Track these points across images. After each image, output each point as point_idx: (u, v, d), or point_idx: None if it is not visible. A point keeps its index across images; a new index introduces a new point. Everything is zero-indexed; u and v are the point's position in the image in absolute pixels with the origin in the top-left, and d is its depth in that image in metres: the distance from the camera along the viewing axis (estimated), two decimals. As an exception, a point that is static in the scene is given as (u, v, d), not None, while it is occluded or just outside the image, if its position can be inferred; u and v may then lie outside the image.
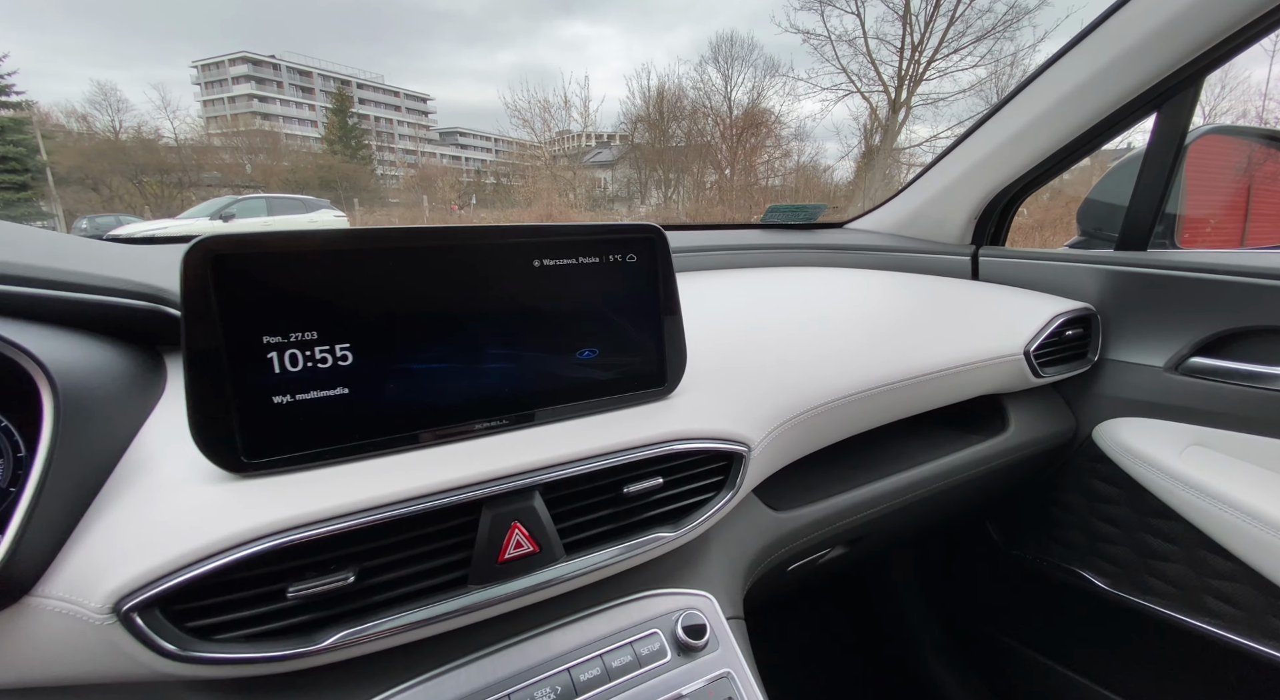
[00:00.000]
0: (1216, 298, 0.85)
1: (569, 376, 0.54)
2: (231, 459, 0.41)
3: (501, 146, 49.09)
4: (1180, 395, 0.88)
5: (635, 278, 0.57)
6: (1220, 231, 1.02)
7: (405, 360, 0.46)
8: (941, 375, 0.79)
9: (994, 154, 1.04)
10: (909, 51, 16.00)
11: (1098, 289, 0.96)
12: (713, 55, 20.28)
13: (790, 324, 0.81)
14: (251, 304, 0.41)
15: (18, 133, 18.05)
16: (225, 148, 24.10)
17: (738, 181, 19.12)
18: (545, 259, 0.52)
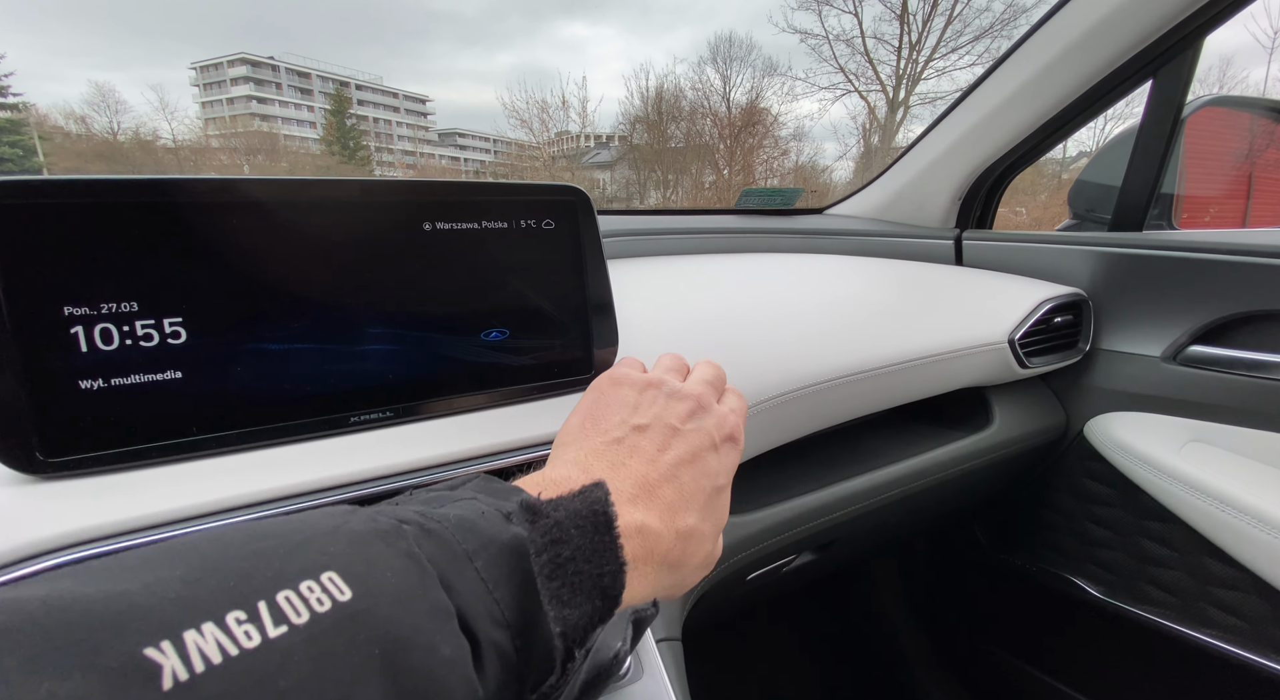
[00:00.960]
0: (1218, 280, 0.77)
1: (471, 362, 0.46)
2: (24, 457, 0.34)
3: (500, 147, 49.02)
4: (1179, 387, 0.80)
5: (553, 248, 0.50)
6: (1222, 211, 0.94)
7: (257, 339, 0.39)
8: (917, 363, 0.72)
9: (977, 130, 0.97)
10: (907, 51, 15.95)
11: (1089, 273, 0.89)
12: (711, 56, 20.21)
13: (754, 310, 0.74)
14: (48, 266, 0.33)
15: (14, 134, 18.01)
16: (223, 149, 24.07)
17: (736, 182, 19.05)
18: (439, 222, 0.45)
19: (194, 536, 0.19)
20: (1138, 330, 0.85)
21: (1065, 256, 0.91)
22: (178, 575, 0.16)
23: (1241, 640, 0.76)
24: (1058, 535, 0.97)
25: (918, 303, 0.84)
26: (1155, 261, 0.83)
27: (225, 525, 0.26)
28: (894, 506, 0.78)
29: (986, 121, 0.95)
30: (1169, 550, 0.82)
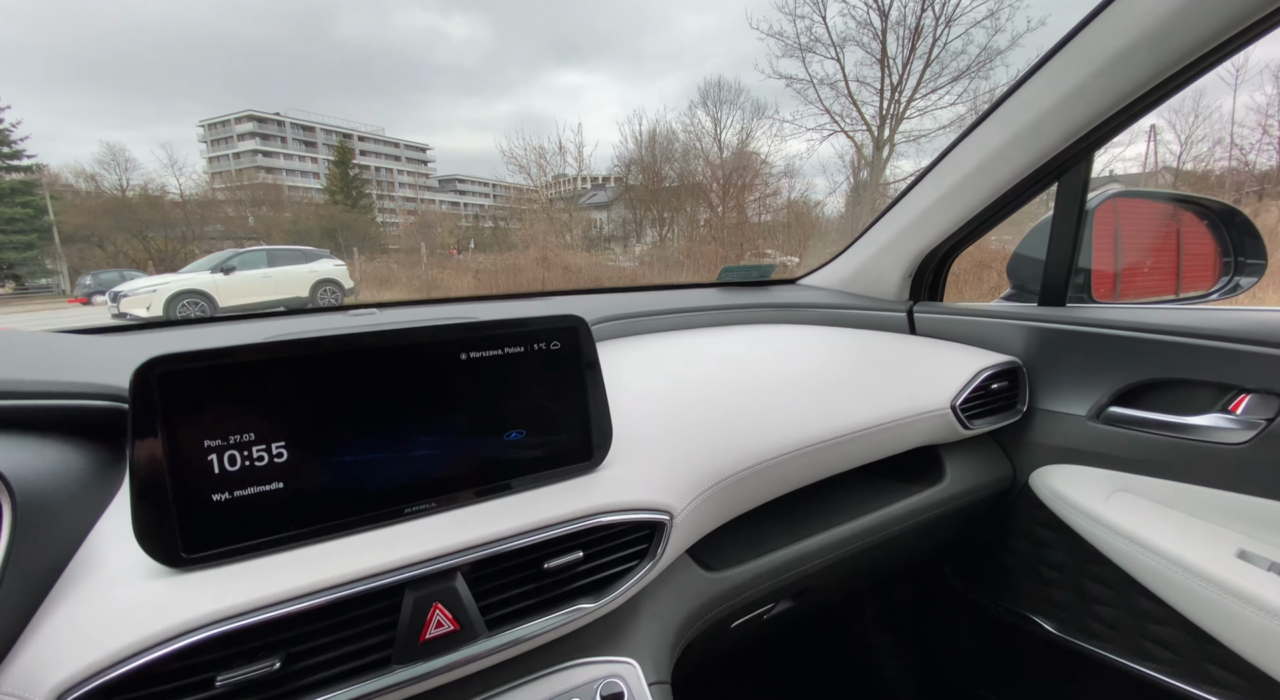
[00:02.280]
0: (1127, 352, 0.90)
1: (497, 457, 0.59)
2: (172, 555, 0.45)
3: (499, 192, 50.21)
4: (1103, 443, 0.92)
5: (560, 362, 0.63)
6: (1126, 284, 1.08)
7: (338, 453, 0.51)
8: (870, 432, 0.84)
9: (919, 219, 1.12)
10: (889, 92, 16.57)
11: (1023, 343, 1.02)
12: (701, 99, 21.02)
13: (727, 385, 0.87)
14: (195, 413, 0.46)
15: (26, 195, 18.56)
16: (229, 201, 24.69)
17: (730, 219, 19.52)
18: (472, 352, 0.58)
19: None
20: (1067, 392, 0.97)
21: (1002, 329, 1.04)
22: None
23: (1176, 672, 0.86)
24: (1017, 576, 1.07)
25: (872, 372, 0.97)
26: (1076, 335, 0.96)
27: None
28: (861, 556, 0.89)
29: (927, 212, 1.10)
30: (1108, 589, 0.92)
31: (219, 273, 10.05)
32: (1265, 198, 12.11)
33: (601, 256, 19.58)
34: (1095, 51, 0.80)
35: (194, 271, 10.24)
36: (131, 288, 9.40)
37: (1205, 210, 1.05)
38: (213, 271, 10.07)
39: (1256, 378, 0.79)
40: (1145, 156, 14.82)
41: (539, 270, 16.12)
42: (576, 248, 20.46)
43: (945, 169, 1.07)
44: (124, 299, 9.08)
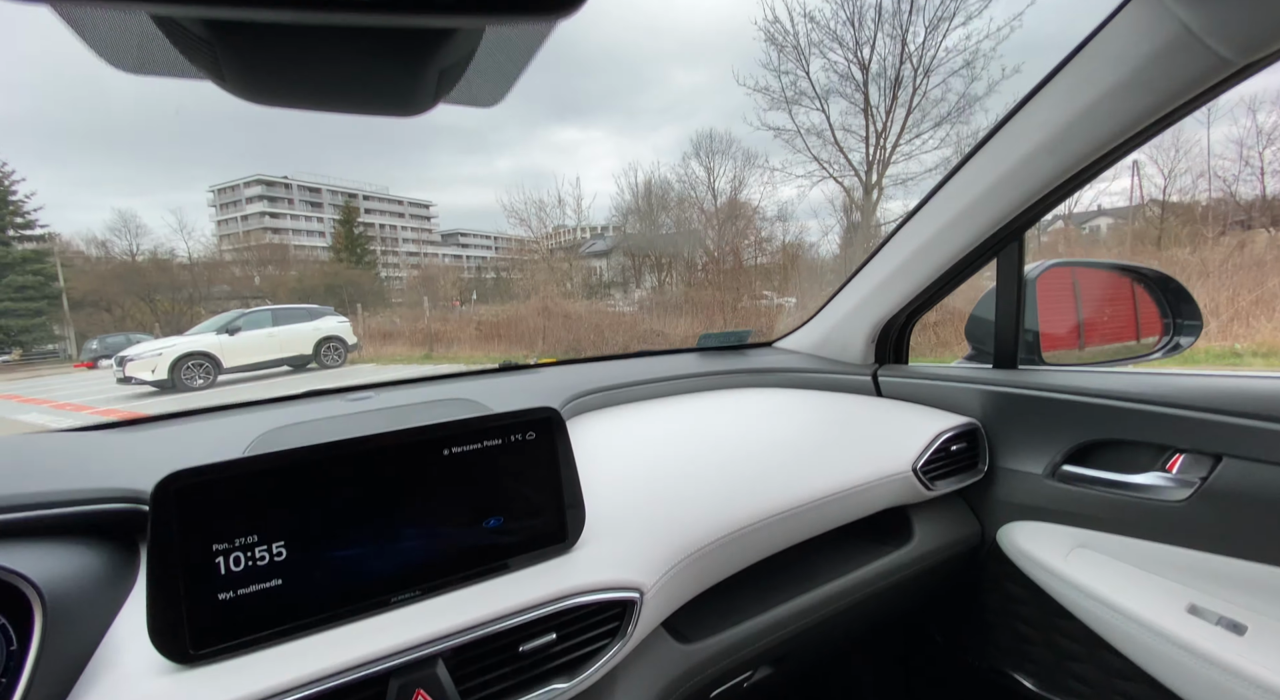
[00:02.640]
0: (1075, 414, 0.96)
1: (478, 544, 0.64)
2: (181, 652, 0.51)
3: (501, 244, 51.22)
4: (1060, 500, 0.97)
5: (536, 452, 0.69)
6: (1073, 346, 1.16)
7: (331, 549, 0.57)
8: (837, 498, 0.89)
9: (878, 289, 1.20)
10: (874, 139, 17.13)
11: (980, 405, 1.08)
12: (694, 150, 21.75)
13: (701, 455, 0.92)
14: (205, 521, 0.52)
15: (38, 263, 19.07)
16: (236, 262, 25.25)
17: (727, 264, 19.89)
18: (454, 447, 0.65)
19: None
20: (1024, 451, 1.03)
21: (960, 392, 1.10)
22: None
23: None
24: (996, 633, 1.09)
25: (839, 438, 1.02)
26: (1028, 398, 1.02)
27: None
28: (836, 618, 0.93)
29: (884, 283, 1.18)
30: (1078, 645, 0.95)
31: (224, 334, 10.24)
32: (1250, 227, 12.36)
33: (601, 303, 19.83)
34: (1006, 155, 0.90)
35: (199, 333, 10.43)
36: (137, 352, 9.55)
37: (1142, 277, 1.13)
38: (218, 333, 10.25)
39: (1188, 439, 0.84)
40: (1131, 190, 15.21)
41: (539, 319, 16.33)
42: (577, 295, 20.79)
43: (897, 244, 1.16)
44: (129, 363, 9.21)
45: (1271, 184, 12.48)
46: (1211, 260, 10.08)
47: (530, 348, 15.19)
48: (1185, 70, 0.68)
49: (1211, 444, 0.82)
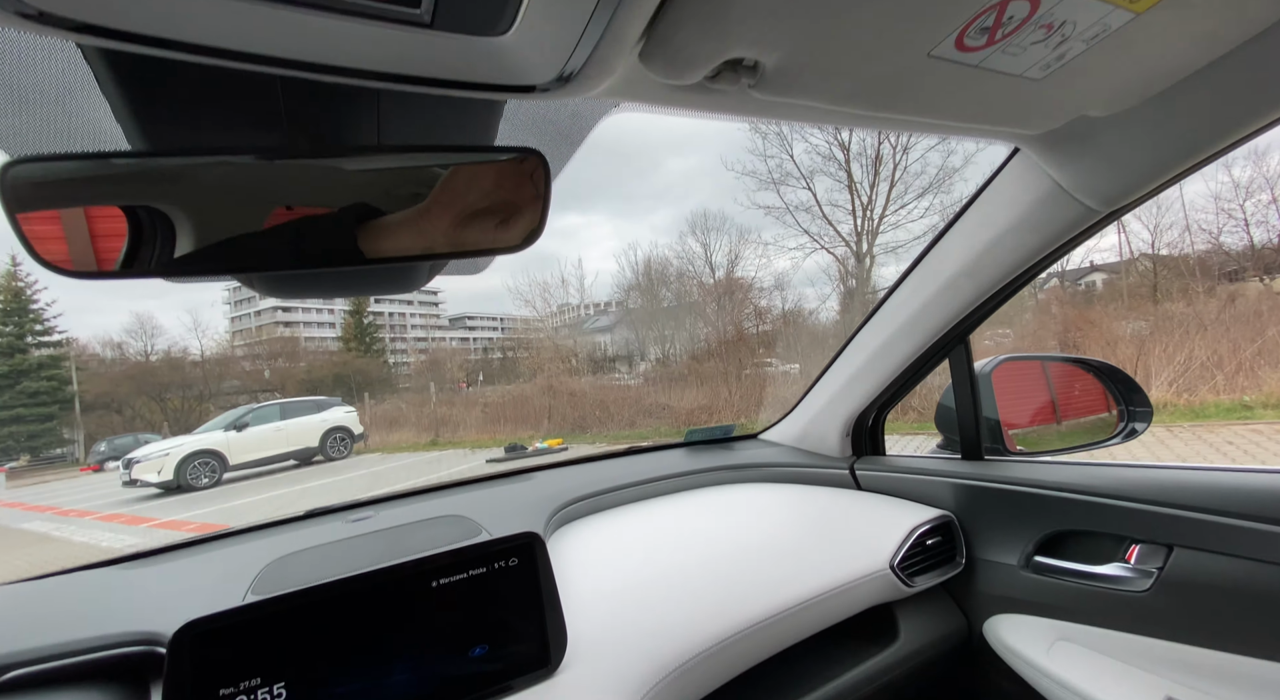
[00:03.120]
0: (1040, 506, 1.01)
1: (464, 675, 0.68)
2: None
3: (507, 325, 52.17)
4: (1037, 591, 1.00)
5: (519, 578, 0.75)
6: (1035, 435, 1.22)
7: (328, 688, 0.61)
8: (817, 602, 0.92)
9: (846, 385, 1.27)
10: (861, 211, 17.84)
11: (953, 497, 1.12)
12: (690, 229, 22.75)
13: (683, 563, 0.96)
14: (216, 666, 0.57)
15: (53, 368, 19.52)
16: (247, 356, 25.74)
17: (729, 334, 20.18)
18: (442, 578, 0.70)
19: None
20: (999, 543, 1.06)
21: (934, 485, 1.15)
22: None
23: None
24: None
25: (818, 536, 1.06)
26: (995, 491, 1.07)
27: None
28: None
29: (851, 381, 1.26)
30: None
31: (232, 430, 10.32)
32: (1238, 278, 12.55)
33: (606, 378, 19.94)
34: (934, 276, 1.01)
35: (208, 431, 10.51)
36: (144, 453, 9.60)
37: (1089, 367, 1.21)
38: (226, 429, 10.34)
39: (1141, 530, 0.89)
40: (1120, 246, 15.62)
41: (545, 398, 16.38)
42: (583, 372, 20.96)
43: (859, 344, 1.24)
44: (136, 465, 9.24)
45: (1258, 233, 12.80)
46: (1206, 313, 10.21)
47: (536, 428, 15.14)
48: (1063, 215, 0.80)
49: (1162, 535, 0.86)
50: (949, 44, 0.43)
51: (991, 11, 0.41)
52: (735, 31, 0.39)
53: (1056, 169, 0.75)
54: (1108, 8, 0.42)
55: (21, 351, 19.74)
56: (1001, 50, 0.45)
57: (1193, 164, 0.69)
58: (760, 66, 0.44)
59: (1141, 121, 0.64)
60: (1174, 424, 7.24)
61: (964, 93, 0.51)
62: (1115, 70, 0.54)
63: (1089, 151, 0.70)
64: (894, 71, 0.46)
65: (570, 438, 13.32)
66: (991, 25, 0.42)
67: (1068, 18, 0.43)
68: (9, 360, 19.14)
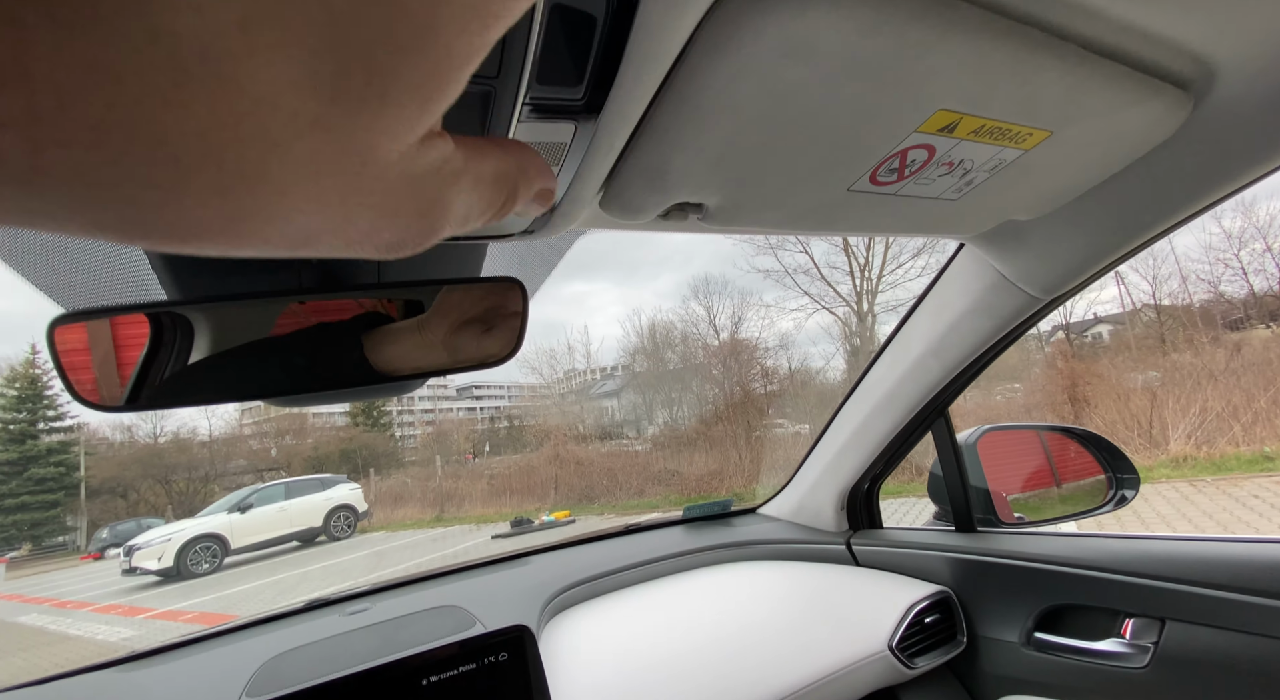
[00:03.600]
0: (1035, 580, 1.00)
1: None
2: None
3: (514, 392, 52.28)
4: (1040, 671, 0.98)
5: (509, 673, 0.75)
6: (1025, 506, 1.22)
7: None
8: (815, 688, 0.91)
9: (836, 458, 1.29)
10: (858, 272, 18.22)
11: (950, 572, 1.12)
12: (692, 293, 23.23)
13: (679, 650, 0.95)
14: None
15: (62, 453, 19.56)
16: (255, 435, 25.73)
17: (736, 396, 20.10)
18: (432, 676, 0.71)
19: None
20: (998, 619, 1.05)
21: (930, 559, 1.15)
22: None
23: None
24: None
25: (816, 617, 1.05)
26: (990, 565, 1.07)
27: None
28: None
29: (840, 454, 1.28)
30: None
31: (236, 512, 10.21)
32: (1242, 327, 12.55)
33: (614, 444, 19.74)
34: (905, 355, 1.06)
35: (211, 514, 10.40)
36: (145, 539, 9.48)
37: (1073, 435, 1.23)
38: (229, 512, 10.23)
39: (1134, 603, 0.88)
40: (1121, 297, 15.73)
41: (552, 468, 16.16)
42: (590, 438, 20.77)
43: (844, 418, 1.28)
44: (137, 552, 9.11)
45: (1257, 281, 12.93)
46: (1215, 362, 10.16)
47: (543, 499, 14.85)
48: (1010, 302, 0.85)
49: (1154, 608, 0.86)
50: (864, 180, 0.50)
51: (895, 158, 0.48)
52: (676, 184, 0.46)
53: (998, 261, 0.81)
54: (997, 148, 0.49)
55: (33, 437, 19.85)
56: (913, 183, 0.52)
57: (1123, 253, 0.75)
58: (705, 206, 0.51)
59: (1064, 222, 0.71)
60: (1196, 478, 7.05)
61: (892, 213, 0.58)
62: (1024, 189, 0.60)
63: (1024, 247, 0.77)
64: (822, 203, 0.53)
65: (578, 509, 13.05)
66: (898, 167, 0.49)
67: (964, 157, 0.50)
68: (19, 447, 19.21)
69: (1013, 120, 0.46)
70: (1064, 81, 0.43)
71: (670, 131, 0.40)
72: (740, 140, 0.42)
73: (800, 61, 0.35)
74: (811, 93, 0.38)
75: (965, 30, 0.37)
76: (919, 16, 0.35)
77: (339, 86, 0.13)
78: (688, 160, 0.44)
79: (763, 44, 0.34)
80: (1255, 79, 0.50)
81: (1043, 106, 0.45)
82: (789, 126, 0.42)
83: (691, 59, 0.35)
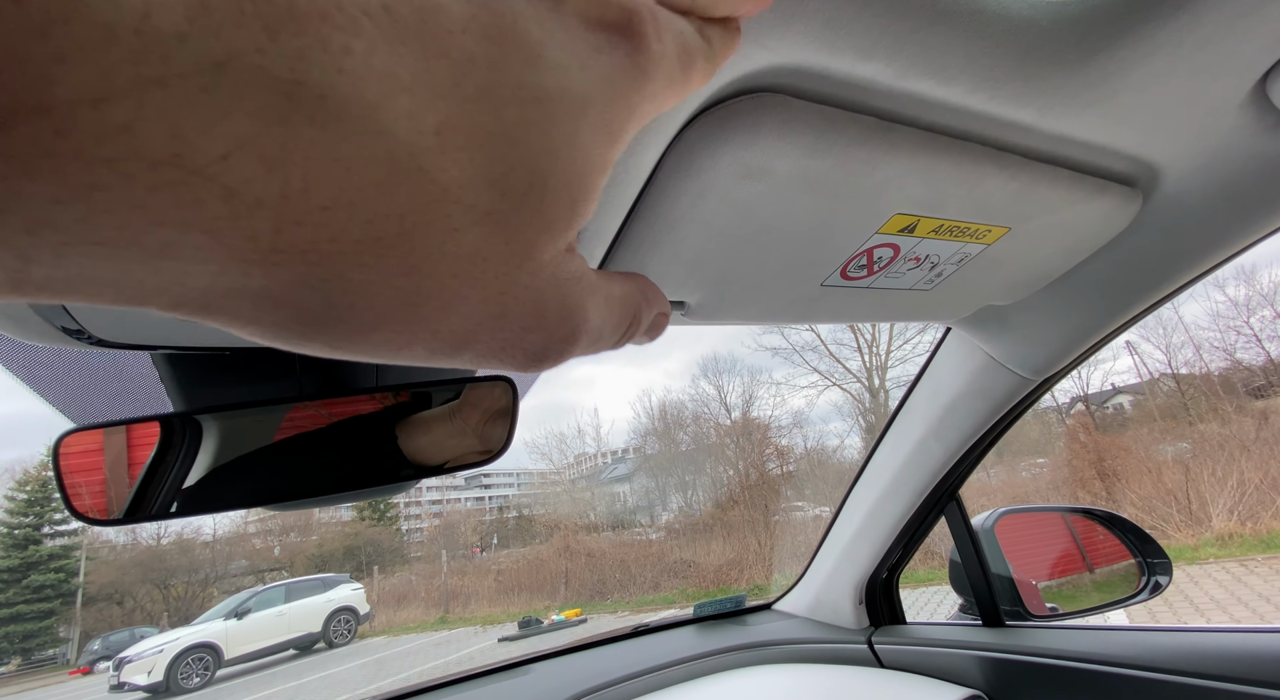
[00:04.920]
0: (1073, 681, 0.92)
1: None
2: None
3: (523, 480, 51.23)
4: None
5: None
6: (1054, 595, 1.15)
7: None
8: None
9: (848, 548, 1.24)
10: (866, 348, 18.34)
11: (980, 672, 1.03)
12: (702, 372, 23.28)
13: None
14: None
15: (63, 558, 19.11)
16: (259, 533, 25.12)
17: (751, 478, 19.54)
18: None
19: None
20: None
21: (957, 658, 1.07)
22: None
23: None
24: None
25: None
26: (1022, 665, 0.99)
27: None
28: None
29: (852, 542, 1.23)
30: None
31: (232, 618, 9.76)
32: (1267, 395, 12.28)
33: (627, 533, 19.05)
34: (907, 437, 1.04)
35: (207, 621, 9.95)
36: (137, 651, 9.04)
37: (1095, 517, 1.18)
38: (226, 618, 9.79)
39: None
40: (1136, 368, 15.56)
41: (562, 561, 15.49)
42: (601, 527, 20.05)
43: (853, 506, 1.23)
44: (127, 665, 8.65)
45: (1273, 348, 12.83)
46: (1244, 432, 9.86)
47: (553, 597, 14.13)
48: (1003, 385, 0.85)
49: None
50: (836, 276, 0.52)
51: (862, 256, 0.50)
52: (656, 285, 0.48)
53: (984, 344, 0.82)
54: (960, 244, 0.52)
55: (36, 543, 19.48)
56: (884, 276, 0.54)
57: (1108, 332, 0.76)
58: (686, 304, 0.53)
59: (1043, 304, 0.72)
60: (1246, 557, 6.62)
61: (869, 304, 0.60)
62: (996, 277, 0.62)
63: (1008, 329, 0.78)
64: (799, 297, 0.55)
65: (590, 606, 12.37)
66: (866, 263, 0.51)
67: (929, 253, 0.52)
68: (21, 553, 18.82)
69: (969, 219, 0.48)
70: (1010, 186, 0.46)
71: (646, 241, 0.43)
72: (712, 247, 0.45)
73: (757, 180, 0.38)
74: (772, 206, 0.41)
75: (908, 148, 0.40)
76: (861, 140, 0.38)
77: (508, 183, 0.15)
78: (664, 264, 0.46)
79: (721, 167, 0.37)
80: (1197, 173, 0.53)
81: (995, 207, 0.48)
82: (757, 234, 0.44)
83: (660, 180, 0.38)
